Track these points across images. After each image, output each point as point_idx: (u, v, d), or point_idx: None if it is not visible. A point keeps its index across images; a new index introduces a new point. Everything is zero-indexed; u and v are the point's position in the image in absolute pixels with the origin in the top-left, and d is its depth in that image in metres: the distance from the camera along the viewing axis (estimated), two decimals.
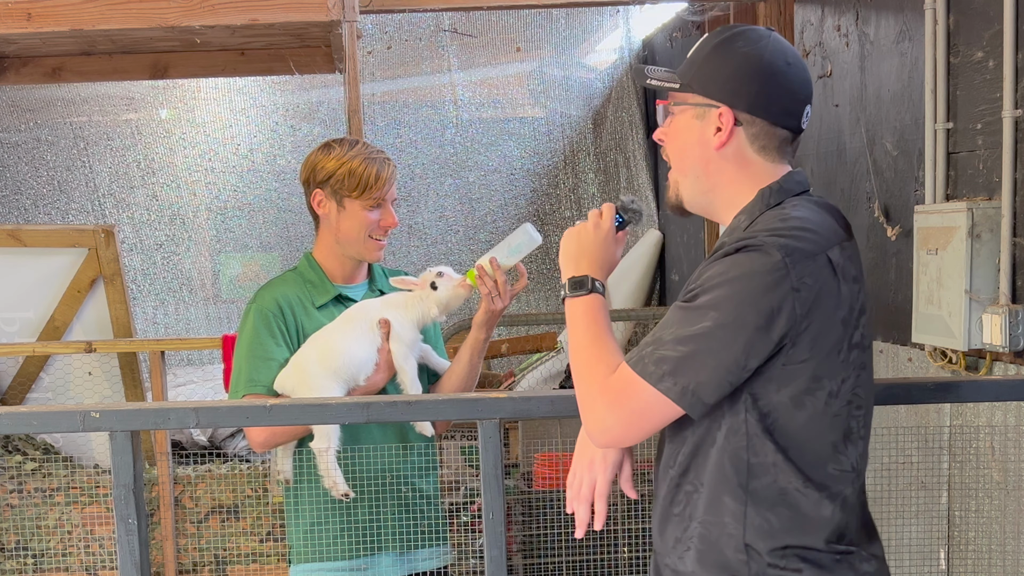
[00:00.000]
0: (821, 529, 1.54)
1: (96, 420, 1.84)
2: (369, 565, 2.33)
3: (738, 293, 1.46)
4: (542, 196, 7.20)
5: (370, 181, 2.31)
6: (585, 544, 3.64)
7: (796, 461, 1.52)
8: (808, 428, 1.52)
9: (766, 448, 1.52)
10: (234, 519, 4.12)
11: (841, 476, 1.55)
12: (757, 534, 1.53)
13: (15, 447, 4.33)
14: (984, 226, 2.73)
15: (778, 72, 1.58)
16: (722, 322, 1.46)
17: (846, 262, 1.53)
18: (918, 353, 3.17)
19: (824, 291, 1.48)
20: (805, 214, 1.54)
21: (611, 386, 1.53)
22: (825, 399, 1.52)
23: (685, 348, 1.47)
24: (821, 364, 1.50)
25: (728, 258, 1.50)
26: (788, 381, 1.50)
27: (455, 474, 4.08)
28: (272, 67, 4.50)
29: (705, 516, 1.57)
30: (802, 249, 1.47)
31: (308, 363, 2.26)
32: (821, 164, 3.92)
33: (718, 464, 1.55)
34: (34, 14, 3.39)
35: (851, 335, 1.53)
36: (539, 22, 6.73)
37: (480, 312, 2.34)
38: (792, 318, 1.46)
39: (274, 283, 2.38)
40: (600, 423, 1.55)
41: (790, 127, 1.61)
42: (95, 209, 6.77)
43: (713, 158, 1.62)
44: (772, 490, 1.53)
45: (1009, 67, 2.64)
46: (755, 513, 1.53)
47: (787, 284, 1.45)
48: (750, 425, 1.52)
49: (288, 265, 6.90)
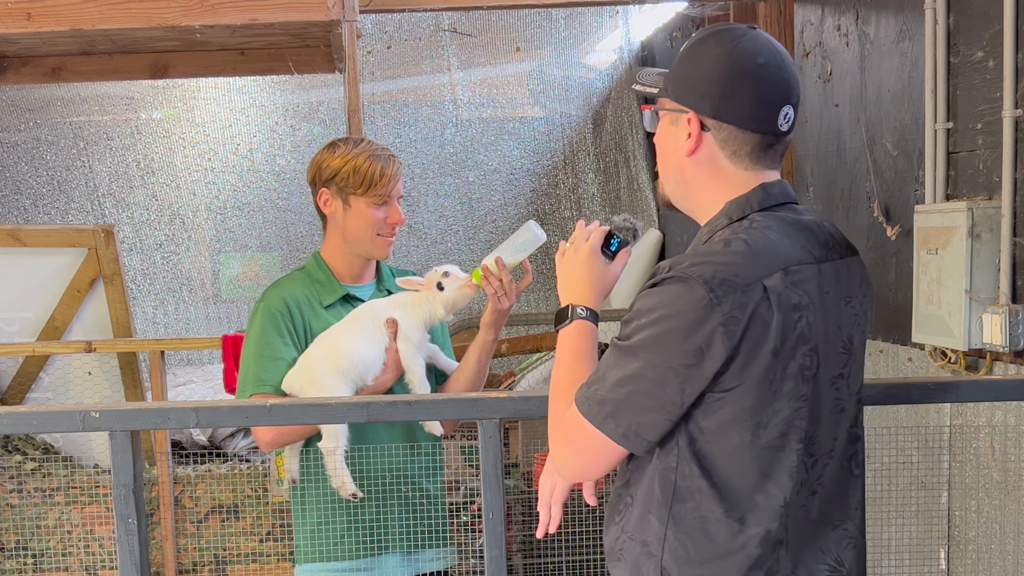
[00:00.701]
0: (737, 563, 1.48)
1: (96, 420, 1.84)
2: (374, 565, 2.33)
3: (665, 333, 1.42)
4: (542, 196, 7.20)
5: (375, 178, 2.31)
6: (585, 544, 3.64)
7: (721, 489, 1.48)
8: (735, 458, 1.47)
9: (693, 472, 1.48)
10: (234, 519, 4.12)
11: (769, 510, 1.49)
12: (673, 559, 1.50)
13: (15, 447, 4.32)
14: (984, 226, 2.73)
15: (746, 73, 1.50)
16: (653, 363, 1.43)
17: (788, 289, 1.44)
18: (918, 353, 3.17)
19: (753, 322, 1.41)
20: (756, 235, 1.47)
21: (566, 424, 1.53)
22: (752, 429, 1.46)
23: (623, 390, 1.45)
24: (748, 394, 1.44)
25: (655, 289, 1.45)
26: (716, 409, 1.46)
27: (455, 474, 4.08)
28: (272, 67, 4.50)
29: (634, 531, 1.56)
30: (730, 281, 1.41)
31: (316, 363, 2.26)
32: (821, 164, 3.92)
33: (650, 482, 1.53)
34: (34, 14, 3.39)
35: (785, 365, 1.45)
36: (539, 22, 6.73)
37: (487, 312, 2.34)
38: (724, 352, 1.41)
39: (282, 282, 2.39)
40: (560, 459, 1.56)
41: (763, 131, 1.52)
42: (95, 209, 6.77)
43: (687, 165, 1.57)
44: (693, 515, 1.49)
45: (1009, 67, 2.64)
46: (674, 537, 1.50)
47: (715, 319, 1.40)
48: (680, 448, 1.49)
49: (287, 265, 6.92)
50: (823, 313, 1.50)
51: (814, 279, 1.50)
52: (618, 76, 7.01)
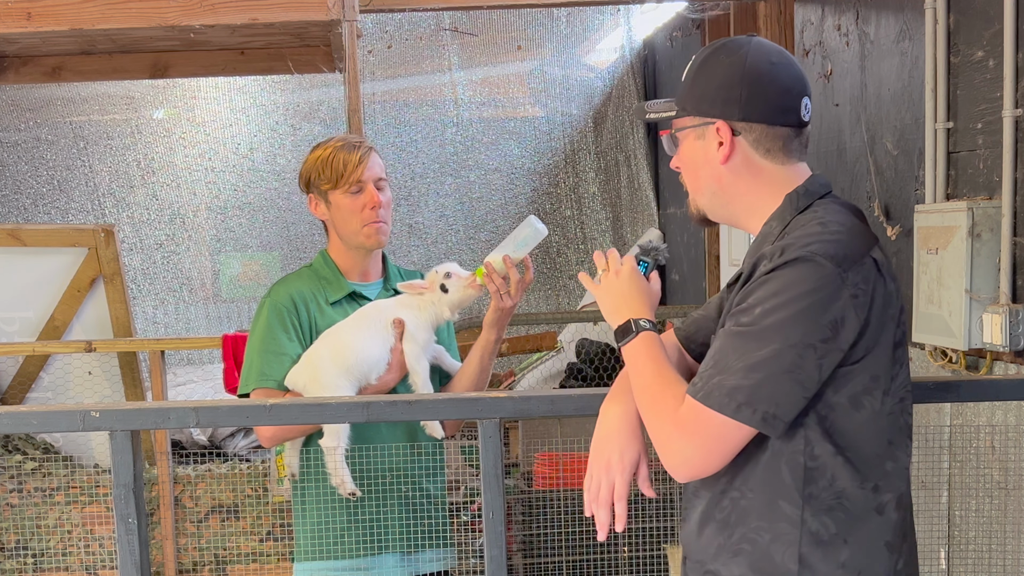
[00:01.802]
0: (880, 531, 1.54)
1: (96, 419, 1.84)
2: (373, 565, 2.32)
3: (800, 312, 1.46)
4: (543, 195, 7.20)
5: (340, 168, 2.31)
6: (585, 544, 3.64)
7: (854, 462, 1.53)
8: (866, 428, 1.53)
9: (825, 451, 1.52)
10: (234, 519, 4.12)
11: (897, 473, 1.57)
12: (814, 540, 1.52)
13: (15, 447, 4.33)
14: (984, 225, 2.73)
15: (763, 73, 1.59)
16: (791, 343, 1.45)
17: (885, 261, 1.55)
18: (918, 353, 3.17)
19: (876, 292, 1.50)
20: (840, 218, 1.56)
21: (683, 419, 1.52)
22: (881, 397, 1.53)
23: (756, 375, 1.46)
24: (876, 363, 1.52)
25: (778, 273, 1.48)
26: (846, 382, 1.51)
27: (455, 474, 4.08)
28: (272, 66, 4.50)
29: (758, 522, 1.55)
30: (850, 255, 1.49)
31: (320, 360, 2.26)
32: (821, 164, 3.92)
33: (772, 469, 1.54)
34: (34, 13, 3.39)
35: (903, 331, 1.56)
36: (540, 21, 6.73)
37: (490, 311, 2.33)
38: (857, 325, 1.48)
39: (289, 279, 2.39)
40: (679, 455, 1.53)
41: (790, 123, 1.61)
42: (95, 208, 6.77)
43: (723, 173, 1.63)
44: (828, 492, 1.52)
45: (1009, 66, 2.64)
46: (812, 518, 1.52)
47: (845, 293, 1.47)
48: (808, 428, 1.52)
49: (287, 265, 6.92)
50: None
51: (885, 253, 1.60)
52: (619, 75, 7.01)
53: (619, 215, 7.24)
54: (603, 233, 7.23)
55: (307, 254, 6.87)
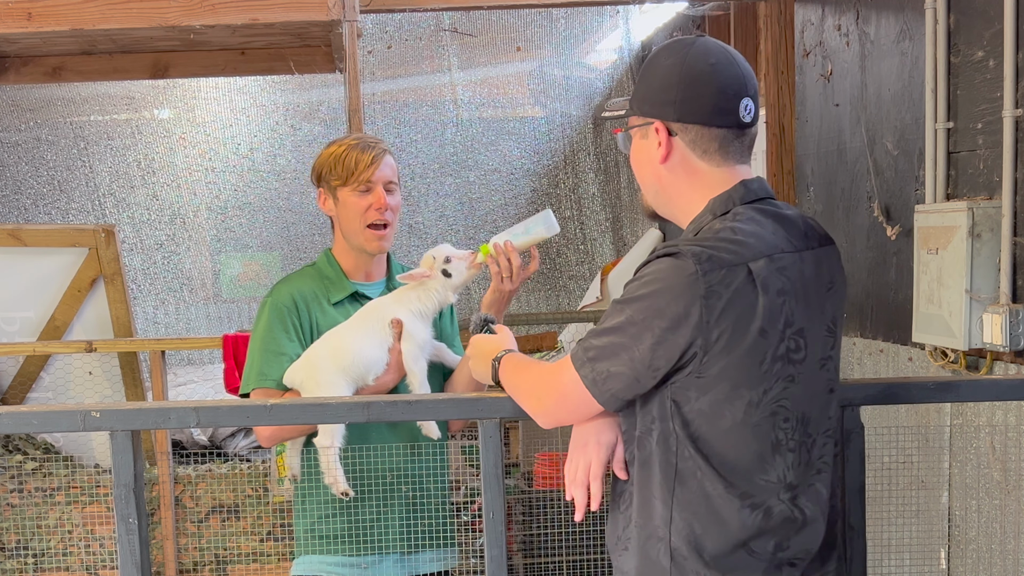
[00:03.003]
0: (742, 535, 1.56)
1: (97, 420, 1.84)
2: (372, 563, 2.32)
3: (651, 295, 1.52)
4: (542, 196, 7.20)
5: (351, 166, 2.31)
6: (585, 544, 3.64)
7: (718, 468, 1.56)
8: (729, 437, 1.55)
9: (691, 454, 1.56)
10: (234, 519, 4.12)
11: (767, 487, 1.57)
12: (682, 539, 1.57)
13: (15, 447, 4.33)
14: (984, 225, 2.73)
15: (701, 74, 1.60)
16: (634, 319, 1.53)
17: (773, 275, 1.54)
18: (918, 353, 3.17)
19: (738, 301, 1.51)
20: (742, 225, 1.57)
21: (551, 368, 1.67)
22: (744, 408, 1.54)
23: (605, 339, 1.57)
24: (737, 372, 1.53)
25: (653, 261, 1.56)
26: (706, 390, 1.54)
27: (455, 474, 4.08)
28: (272, 67, 4.50)
29: (638, 518, 1.62)
30: (719, 258, 1.51)
31: (319, 359, 2.26)
32: (821, 164, 3.92)
33: (650, 468, 1.60)
34: (34, 14, 3.39)
35: (774, 346, 1.54)
36: (539, 22, 6.73)
37: (489, 292, 2.31)
38: (700, 325, 1.50)
39: (291, 278, 2.39)
40: (539, 403, 1.70)
41: (727, 124, 1.62)
42: (95, 209, 6.77)
43: (663, 172, 1.67)
44: (697, 494, 1.56)
45: (1009, 66, 2.64)
46: (680, 518, 1.57)
47: (696, 291, 1.49)
48: (677, 431, 1.57)
49: (288, 265, 6.92)
50: (806, 299, 1.59)
51: (796, 266, 1.59)
52: (618, 76, 7.01)
53: (619, 215, 7.25)
54: (603, 233, 7.24)
55: (307, 254, 6.87)
